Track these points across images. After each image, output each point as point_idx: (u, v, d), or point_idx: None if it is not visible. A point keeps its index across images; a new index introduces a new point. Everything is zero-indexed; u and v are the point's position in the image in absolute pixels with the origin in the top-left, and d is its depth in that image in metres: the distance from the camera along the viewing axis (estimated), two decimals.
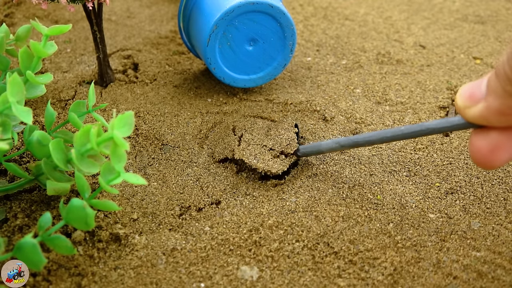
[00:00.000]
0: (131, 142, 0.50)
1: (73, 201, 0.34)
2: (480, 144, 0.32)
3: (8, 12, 0.72)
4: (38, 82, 0.41)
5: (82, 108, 0.44)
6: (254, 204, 0.43)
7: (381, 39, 0.69)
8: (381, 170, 0.47)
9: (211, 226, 0.41)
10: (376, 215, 0.42)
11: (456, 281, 0.37)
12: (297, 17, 0.75)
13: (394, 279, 0.37)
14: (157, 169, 0.47)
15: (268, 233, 0.40)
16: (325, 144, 0.44)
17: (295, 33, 0.54)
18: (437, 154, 0.49)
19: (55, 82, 0.58)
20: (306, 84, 0.59)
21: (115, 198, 0.44)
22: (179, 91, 0.58)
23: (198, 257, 0.39)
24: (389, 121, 0.53)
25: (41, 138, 0.38)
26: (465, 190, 0.45)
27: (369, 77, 0.61)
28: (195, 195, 0.45)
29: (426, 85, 0.59)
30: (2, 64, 0.45)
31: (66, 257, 0.38)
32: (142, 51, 0.65)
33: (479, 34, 0.71)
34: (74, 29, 0.70)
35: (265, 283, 0.37)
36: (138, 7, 0.77)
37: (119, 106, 0.55)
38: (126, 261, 0.38)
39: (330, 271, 0.38)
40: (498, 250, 0.39)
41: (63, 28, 0.42)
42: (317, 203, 0.43)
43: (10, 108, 0.35)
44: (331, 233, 0.40)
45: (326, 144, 0.44)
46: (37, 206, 0.41)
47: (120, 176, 0.34)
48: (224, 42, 0.52)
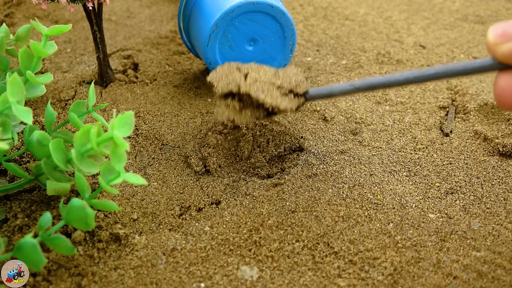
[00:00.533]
0: (131, 142, 0.50)
1: (73, 201, 0.34)
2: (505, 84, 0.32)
3: (8, 12, 0.72)
4: (38, 82, 0.41)
5: (82, 108, 0.44)
6: (254, 204, 0.43)
7: (381, 39, 0.69)
8: (381, 170, 0.47)
9: (211, 226, 0.41)
10: (376, 215, 0.42)
11: (456, 281, 0.37)
12: (297, 17, 0.75)
13: (394, 279, 0.37)
14: (157, 169, 0.47)
15: (268, 233, 0.40)
16: (337, 87, 0.41)
17: (295, 33, 0.54)
18: (437, 154, 0.49)
19: (55, 82, 0.58)
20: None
21: (115, 198, 0.44)
22: (179, 91, 0.58)
23: (198, 257, 0.39)
24: (389, 121, 0.53)
25: (41, 138, 0.38)
26: (465, 190, 0.45)
27: (369, 77, 0.61)
28: (195, 195, 0.45)
29: (426, 85, 0.59)
30: (2, 64, 0.45)
31: (66, 257, 0.38)
32: (142, 51, 0.65)
33: (479, 34, 0.71)
34: (74, 29, 0.70)
35: (265, 283, 0.37)
36: (138, 7, 0.77)
37: (119, 106, 0.55)
38: (126, 261, 0.38)
39: (330, 271, 0.38)
40: (498, 250, 0.39)
41: (63, 28, 0.42)
42: (317, 203, 0.43)
43: (10, 108, 0.35)
44: (331, 233, 0.40)
45: (338, 86, 0.41)
46: (37, 206, 0.41)
47: (120, 176, 0.34)
48: (224, 42, 0.52)
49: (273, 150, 0.50)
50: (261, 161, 0.49)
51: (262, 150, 0.50)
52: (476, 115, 0.54)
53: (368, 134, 0.52)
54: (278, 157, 0.50)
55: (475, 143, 0.51)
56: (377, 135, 0.51)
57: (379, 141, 0.51)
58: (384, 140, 0.51)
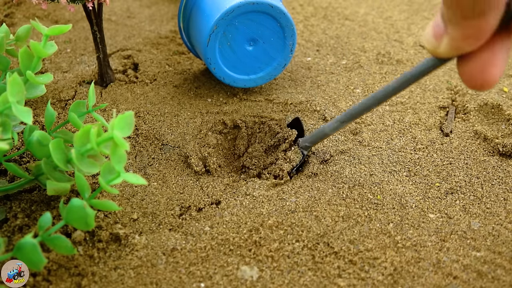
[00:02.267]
0: (131, 142, 0.50)
1: (73, 201, 0.34)
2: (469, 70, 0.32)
3: (8, 12, 0.72)
4: (38, 82, 0.41)
5: (82, 108, 0.44)
6: (254, 204, 0.43)
7: (381, 39, 0.69)
8: (381, 170, 0.47)
9: (211, 226, 0.41)
10: (376, 215, 0.42)
11: (456, 281, 0.37)
12: (297, 17, 0.75)
13: (394, 279, 0.37)
14: (157, 169, 0.47)
15: (268, 233, 0.40)
16: (328, 127, 0.44)
17: (295, 33, 0.54)
18: (437, 154, 0.49)
19: (55, 82, 0.58)
20: (306, 84, 0.59)
21: (115, 198, 0.44)
22: (179, 91, 0.58)
23: (198, 257, 0.39)
24: (389, 121, 0.53)
25: (41, 138, 0.38)
26: (465, 190, 0.45)
27: (369, 77, 0.61)
28: (195, 195, 0.45)
29: (426, 85, 0.59)
30: (2, 64, 0.45)
31: (66, 257, 0.38)
32: (142, 51, 0.65)
33: None
34: (74, 29, 0.70)
35: (265, 283, 0.37)
36: (138, 7, 0.77)
37: (119, 106, 0.55)
38: (126, 261, 0.38)
39: (330, 271, 0.38)
40: (498, 250, 0.39)
41: (63, 28, 0.42)
42: (317, 203, 0.43)
43: (10, 108, 0.35)
44: (331, 233, 0.40)
45: (329, 126, 0.44)
46: (37, 206, 0.41)
47: (120, 176, 0.34)
48: (224, 42, 0.52)
49: (269, 141, 0.51)
50: (259, 150, 0.50)
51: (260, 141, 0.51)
52: (476, 115, 0.54)
53: (368, 134, 0.52)
54: (274, 147, 0.50)
55: (475, 143, 0.51)
56: (377, 135, 0.51)
57: (379, 141, 0.51)
58: (384, 140, 0.51)
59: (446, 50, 0.32)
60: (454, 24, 0.30)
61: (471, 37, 0.30)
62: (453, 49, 0.32)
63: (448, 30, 0.31)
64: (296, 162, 0.47)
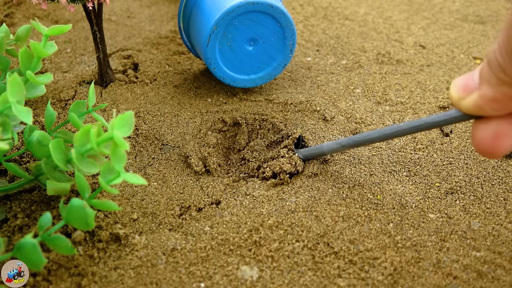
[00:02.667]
0: (131, 142, 0.50)
1: (73, 201, 0.34)
2: (481, 134, 0.33)
3: (8, 12, 0.72)
4: (38, 82, 0.41)
5: (82, 108, 0.44)
6: (254, 204, 0.43)
7: (381, 39, 0.69)
8: (381, 170, 0.47)
9: (211, 226, 0.41)
10: (376, 215, 0.42)
11: (456, 281, 0.37)
12: (297, 17, 0.75)
13: (394, 279, 0.37)
14: (157, 169, 0.47)
15: (268, 233, 0.40)
16: (327, 146, 0.45)
17: (295, 33, 0.54)
18: (437, 154, 0.49)
19: (55, 82, 0.58)
20: (306, 84, 0.59)
21: (115, 198, 0.44)
22: (179, 91, 0.58)
23: (198, 257, 0.39)
24: (389, 121, 0.53)
25: (41, 138, 0.38)
26: (465, 190, 0.45)
27: (369, 77, 0.61)
28: (195, 195, 0.45)
29: (426, 85, 0.59)
30: (2, 64, 0.45)
31: (66, 257, 0.38)
32: (142, 51, 0.65)
33: (479, 34, 0.71)
34: (74, 29, 0.70)
35: (265, 283, 0.37)
36: (138, 7, 0.77)
37: (119, 106, 0.55)
38: (126, 261, 0.38)
39: (330, 271, 0.38)
40: (498, 250, 0.39)
41: (63, 28, 0.42)
42: (317, 203, 0.43)
43: (10, 108, 0.35)
44: (331, 233, 0.40)
45: (328, 145, 0.45)
46: (37, 206, 0.41)
47: (120, 176, 0.34)
48: (224, 42, 0.52)
49: (272, 137, 0.51)
50: (261, 144, 0.50)
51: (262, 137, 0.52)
52: None
53: None
54: (276, 143, 0.50)
55: None
56: None
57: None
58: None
59: (470, 105, 0.33)
60: (490, 84, 0.30)
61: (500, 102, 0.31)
62: (476, 107, 0.32)
63: (482, 88, 0.31)
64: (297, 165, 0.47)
